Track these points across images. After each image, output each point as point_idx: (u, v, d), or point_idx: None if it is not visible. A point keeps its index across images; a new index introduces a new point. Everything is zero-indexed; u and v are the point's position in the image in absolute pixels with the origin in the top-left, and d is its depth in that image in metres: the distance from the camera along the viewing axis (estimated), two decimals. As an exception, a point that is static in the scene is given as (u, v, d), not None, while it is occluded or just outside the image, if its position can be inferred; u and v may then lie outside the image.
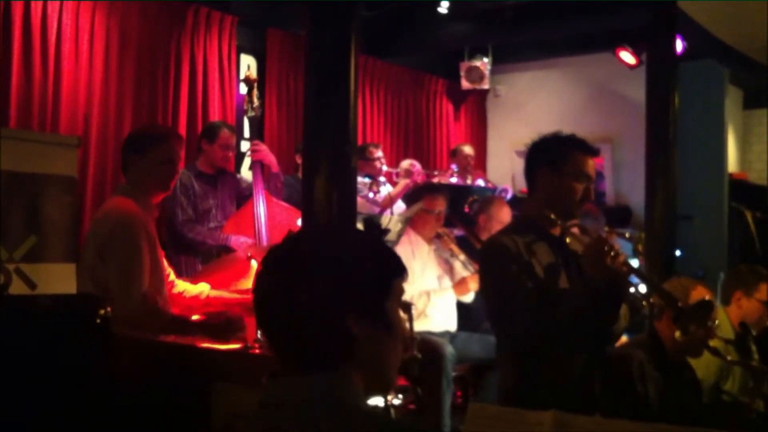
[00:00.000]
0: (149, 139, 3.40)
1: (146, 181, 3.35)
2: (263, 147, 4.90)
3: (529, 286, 2.51)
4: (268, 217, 4.56)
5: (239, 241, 4.55)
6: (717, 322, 3.53)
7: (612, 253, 2.41)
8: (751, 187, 8.70)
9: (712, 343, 3.26)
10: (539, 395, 2.44)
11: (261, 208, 4.58)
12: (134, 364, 2.99)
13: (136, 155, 3.36)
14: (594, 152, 2.66)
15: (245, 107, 4.90)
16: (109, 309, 2.44)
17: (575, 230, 2.69)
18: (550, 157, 2.64)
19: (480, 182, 7.63)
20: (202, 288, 3.50)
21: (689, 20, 6.54)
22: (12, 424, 2.26)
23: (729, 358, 3.43)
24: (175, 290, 3.47)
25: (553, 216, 2.62)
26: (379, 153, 6.38)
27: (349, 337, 1.37)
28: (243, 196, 5.07)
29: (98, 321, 2.37)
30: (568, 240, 2.63)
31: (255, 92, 4.89)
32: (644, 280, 2.62)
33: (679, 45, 6.52)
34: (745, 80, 8.70)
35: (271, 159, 4.92)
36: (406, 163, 6.75)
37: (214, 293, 3.50)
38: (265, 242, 4.35)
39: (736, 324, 3.79)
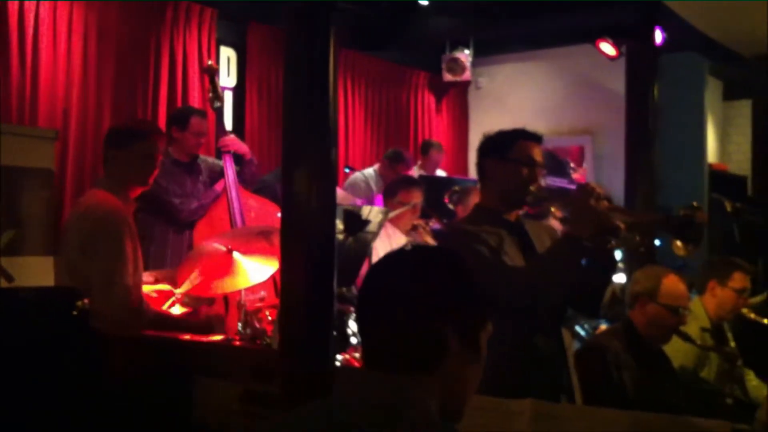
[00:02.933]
0: (131, 134, 3.40)
1: (126, 176, 3.34)
2: (231, 138, 4.81)
3: (503, 264, 2.56)
4: (245, 211, 4.54)
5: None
6: (692, 309, 3.60)
7: (597, 198, 2.48)
8: (731, 178, 8.77)
9: (689, 331, 3.30)
10: (507, 380, 2.44)
11: (235, 203, 4.54)
12: (114, 357, 2.98)
13: (117, 149, 3.35)
14: (538, 139, 2.76)
15: (209, 97, 4.82)
16: (86, 301, 2.42)
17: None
18: (496, 146, 2.75)
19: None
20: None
21: (670, 12, 6.57)
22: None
23: (699, 342, 3.47)
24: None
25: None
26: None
27: (444, 347, 1.41)
28: (216, 179, 4.96)
29: (75, 313, 2.35)
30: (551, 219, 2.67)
31: (217, 81, 4.83)
32: (626, 215, 2.64)
33: (659, 36, 6.55)
34: (725, 72, 8.75)
35: (243, 148, 4.85)
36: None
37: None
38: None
39: (712, 313, 3.84)
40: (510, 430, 2.00)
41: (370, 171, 6.83)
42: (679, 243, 3.67)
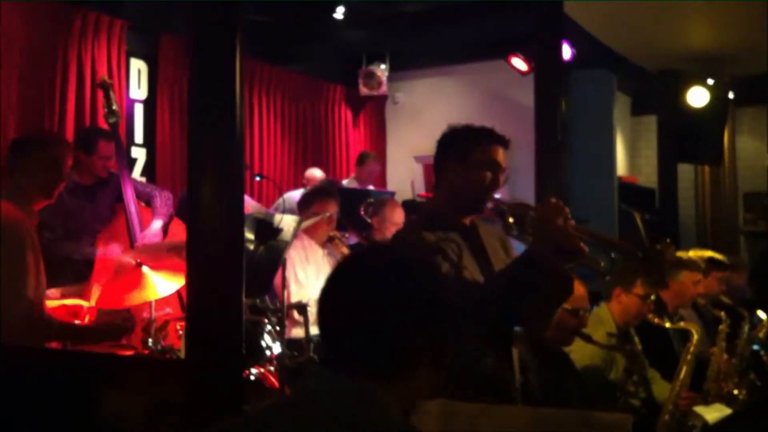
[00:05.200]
0: (36, 145, 3.32)
1: (30, 187, 3.26)
2: (147, 241, 4.45)
3: (463, 281, 2.45)
4: (145, 227, 4.45)
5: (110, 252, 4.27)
6: (595, 314, 3.69)
7: (565, 218, 2.34)
8: (640, 189, 9.04)
9: (595, 336, 3.38)
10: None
11: (135, 222, 4.43)
12: (15, 368, 2.89)
13: (23, 159, 3.27)
14: (504, 142, 2.60)
15: (104, 112, 4.70)
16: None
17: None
18: (459, 144, 2.58)
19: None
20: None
21: (579, 29, 6.74)
22: None
23: (597, 340, 3.53)
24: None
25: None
26: None
27: (416, 362, 1.42)
28: (142, 199, 4.67)
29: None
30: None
31: (112, 96, 4.73)
32: (594, 238, 2.47)
33: (568, 52, 6.71)
34: (633, 87, 9.03)
35: (158, 236, 4.52)
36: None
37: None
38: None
39: (618, 318, 3.94)
40: (420, 429, 2.01)
41: (301, 192, 6.78)
42: (640, 282, 3.67)
